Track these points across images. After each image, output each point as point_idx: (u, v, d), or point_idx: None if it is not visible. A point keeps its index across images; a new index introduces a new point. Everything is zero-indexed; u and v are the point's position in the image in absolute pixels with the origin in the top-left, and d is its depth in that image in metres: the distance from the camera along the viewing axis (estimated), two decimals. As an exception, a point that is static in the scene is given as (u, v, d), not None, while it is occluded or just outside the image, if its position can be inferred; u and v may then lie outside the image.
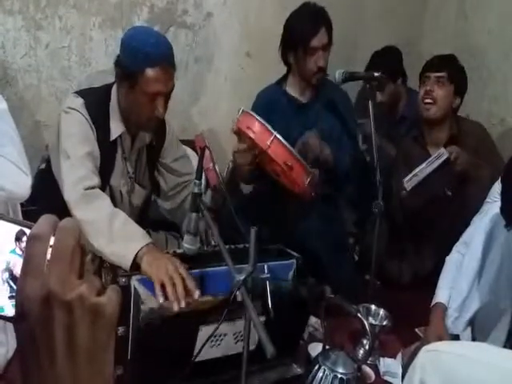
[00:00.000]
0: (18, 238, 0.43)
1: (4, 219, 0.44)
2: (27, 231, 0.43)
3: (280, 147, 1.63)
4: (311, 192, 1.74)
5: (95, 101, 1.63)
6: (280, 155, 1.63)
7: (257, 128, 1.64)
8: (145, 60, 1.51)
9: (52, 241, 0.40)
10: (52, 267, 0.38)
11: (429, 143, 2.27)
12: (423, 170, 1.94)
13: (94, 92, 1.69)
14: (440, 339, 1.58)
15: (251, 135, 1.64)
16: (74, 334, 0.38)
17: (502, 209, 1.37)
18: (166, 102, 1.60)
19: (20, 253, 0.43)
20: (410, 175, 1.96)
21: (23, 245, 0.43)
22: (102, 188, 1.61)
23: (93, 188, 1.53)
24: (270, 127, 1.64)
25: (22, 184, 1.40)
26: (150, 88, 1.53)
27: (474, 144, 2.10)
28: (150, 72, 1.52)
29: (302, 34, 2.03)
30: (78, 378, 0.38)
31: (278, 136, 1.62)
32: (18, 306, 0.39)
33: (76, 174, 1.52)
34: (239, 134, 1.70)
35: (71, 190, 1.51)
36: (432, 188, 2.11)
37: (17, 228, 0.43)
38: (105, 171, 1.64)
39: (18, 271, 0.43)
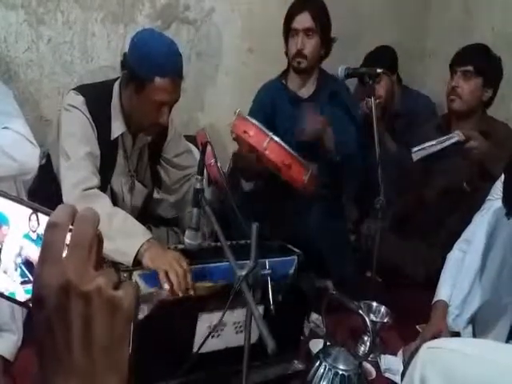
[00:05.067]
0: (29, 220, 0.44)
1: (18, 201, 0.44)
2: (40, 216, 0.43)
3: (277, 148, 1.65)
4: (311, 187, 1.75)
5: (96, 98, 1.61)
6: (277, 156, 1.65)
7: (252, 131, 1.66)
8: (155, 69, 1.50)
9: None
10: (70, 256, 0.39)
11: None
12: (432, 146, 1.88)
13: (95, 89, 1.67)
14: (438, 336, 1.58)
15: (248, 139, 1.65)
16: (90, 325, 0.38)
17: (503, 198, 1.36)
18: (170, 109, 1.59)
19: (34, 237, 0.43)
20: (419, 147, 1.90)
21: (32, 224, 0.43)
22: (103, 187, 1.61)
23: (91, 188, 1.52)
24: (265, 129, 1.66)
25: (31, 154, 1.43)
26: (156, 97, 1.53)
27: (499, 144, 1.99)
28: (158, 81, 1.51)
29: (286, 15, 2.07)
30: (93, 369, 0.38)
31: (274, 137, 1.64)
32: (35, 293, 0.39)
33: (75, 176, 1.52)
34: (237, 138, 1.72)
35: (70, 193, 1.50)
36: (449, 179, 2.07)
37: (29, 211, 0.44)
38: (106, 170, 1.63)
39: (31, 256, 0.43)
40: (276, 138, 1.64)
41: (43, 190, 1.58)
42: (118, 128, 1.64)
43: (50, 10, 2.14)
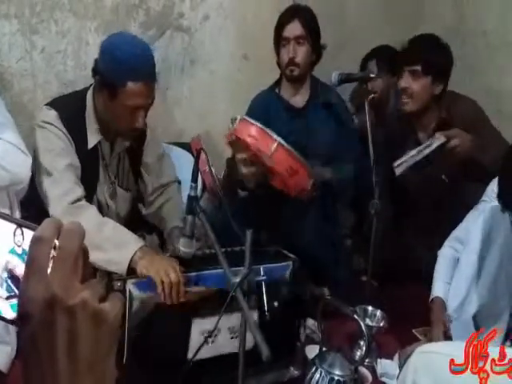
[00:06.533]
0: (13, 235, 0.43)
1: (2, 217, 0.44)
2: (25, 230, 0.43)
3: (284, 153, 1.61)
4: (313, 192, 1.74)
5: (70, 111, 1.59)
6: (284, 161, 1.62)
7: (258, 135, 1.61)
8: (128, 73, 1.47)
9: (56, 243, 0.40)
10: (55, 271, 0.38)
11: (418, 129, 2.16)
12: (413, 156, 1.86)
13: (67, 101, 1.66)
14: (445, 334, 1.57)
15: (253, 143, 1.61)
16: (75, 339, 0.38)
17: (499, 192, 1.37)
18: (145, 113, 1.57)
19: (19, 252, 0.43)
20: (400, 161, 1.89)
21: (17, 239, 0.43)
22: (89, 198, 1.60)
23: (78, 200, 1.52)
24: (272, 133, 1.62)
25: (22, 164, 1.43)
26: (130, 102, 1.50)
27: (467, 125, 1.94)
28: (131, 86, 1.48)
29: (277, 25, 2.08)
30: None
31: (282, 141, 1.60)
32: (20, 308, 0.39)
33: (59, 189, 1.51)
34: (236, 143, 1.69)
35: (56, 206, 1.49)
36: (427, 173, 2.04)
37: (14, 226, 0.43)
38: (89, 181, 1.62)
39: (16, 271, 0.43)
40: (283, 143, 1.60)
41: (35, 201, 1.57)
42: (93, 137, 1.62)
43: (43, 19, 2.15)
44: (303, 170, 1.65)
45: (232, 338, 1.40)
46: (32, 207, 1.56)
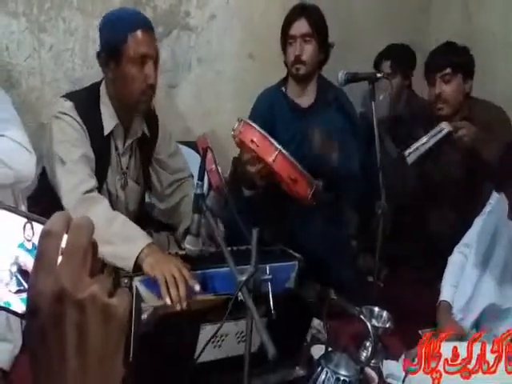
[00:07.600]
0: (23, 229, 0.44)
1: (12, 211, 0.44)
2: (35, 224, 0.43)
3: (284, 162, 1.64)
4: (313, 201, 1.75)
5: (85, 101, 1.63)
6: (284, 169, 1.64)
7: (261, 142, 1.64)
8: (125, 27, 1.54)
9: (65, 238, 0.40)
10: (65, 265, 0.38)
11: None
12: (424, 144, 1.88)
13: (82, 92, 1.70)
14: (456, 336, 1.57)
15: (255, 149, 1.63)
16: (85, 333, 0.38)
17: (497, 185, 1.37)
18: (155, 68, 1.59)
19: (29, 247, 0.43)
20: (411, 149, 1.91)
21: (27, 233, 0.43)
22: (99, 186, 1.61)
23: (91, 191, 1.52)
24: (273, 141, 1.64)
25: (27, 162, 1.43)
26: (135, 52, 1.54)
27: (486, 124, 1.98)
28: (132, 38, 1.54)
29: (284, 23, 2.08)
30: (87, 379, 0.38)
31: (283, 150, 1.63)
32: (29, 302, 0.39)
33: (73, 179, 1.52)
34: (242, 146, 1.70)
35: (69, 196, 1.50)
36: (440, 171, 2.07)
37: (24, 220, 0.44)
38: (101, 169, 1.64)
39: (26, 265, 0.43)
40: (284, 152, 1.63)
41: (44, 197, 1.58)
42: (109, 122, 1.65)
43: (51, 17, 2.16)
44: (302, 179, 1.67)
45: (239, 342, 1.39)
46: (41, 202, 1.56)
